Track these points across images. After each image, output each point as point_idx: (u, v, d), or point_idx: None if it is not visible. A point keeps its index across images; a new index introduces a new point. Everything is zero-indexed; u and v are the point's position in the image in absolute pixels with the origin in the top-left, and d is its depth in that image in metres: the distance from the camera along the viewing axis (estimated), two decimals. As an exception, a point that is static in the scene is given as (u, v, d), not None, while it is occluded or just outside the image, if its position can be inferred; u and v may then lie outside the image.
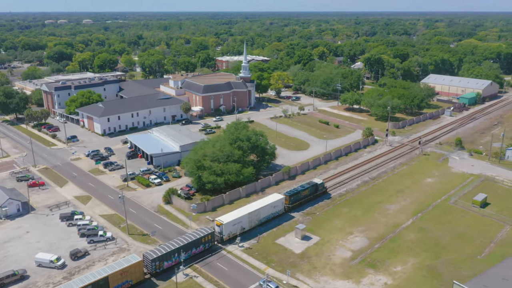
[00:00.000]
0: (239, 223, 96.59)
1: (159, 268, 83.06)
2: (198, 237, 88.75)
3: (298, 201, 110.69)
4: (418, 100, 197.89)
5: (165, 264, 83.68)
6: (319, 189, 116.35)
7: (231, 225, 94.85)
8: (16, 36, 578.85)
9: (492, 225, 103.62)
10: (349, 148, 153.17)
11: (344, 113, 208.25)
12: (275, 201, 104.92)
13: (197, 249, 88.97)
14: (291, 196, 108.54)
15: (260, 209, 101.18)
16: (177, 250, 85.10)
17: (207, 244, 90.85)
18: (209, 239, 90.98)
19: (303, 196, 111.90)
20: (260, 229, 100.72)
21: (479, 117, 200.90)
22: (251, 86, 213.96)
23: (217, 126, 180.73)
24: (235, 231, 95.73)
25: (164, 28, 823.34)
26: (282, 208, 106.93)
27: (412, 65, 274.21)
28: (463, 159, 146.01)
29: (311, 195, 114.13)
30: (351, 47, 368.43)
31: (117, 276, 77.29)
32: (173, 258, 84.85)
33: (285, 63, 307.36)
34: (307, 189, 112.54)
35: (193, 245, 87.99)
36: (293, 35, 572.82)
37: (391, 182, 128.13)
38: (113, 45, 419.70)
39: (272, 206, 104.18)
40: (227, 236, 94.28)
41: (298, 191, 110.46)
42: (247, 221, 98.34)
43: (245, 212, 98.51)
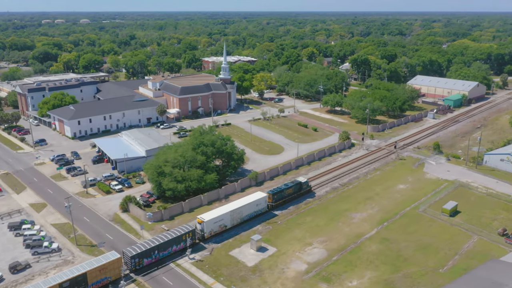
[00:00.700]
0: (221, 221, 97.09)
1: (139, 265, 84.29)
2: (178, 235, 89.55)
3: (282, 199, 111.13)
4: (400, 102, 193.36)
5: (145, 261, 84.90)
6: (303, 188, 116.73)
7: (212, 223, 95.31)
8: (8, 36, 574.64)
9: (460, 235, 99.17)
10: (323, 152, 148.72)
11: (325, 115, 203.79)
12: (258, 199, 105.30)
13: (177, 247, 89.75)
14: (275, 195, 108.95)
15: (242, 207, 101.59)
16: (157, 247, 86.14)
17: (188, 241, 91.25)
18: (190, 236, 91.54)
19: (287, 194, 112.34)
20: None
21: (463, 119, 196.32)
22: (231, 88, 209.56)
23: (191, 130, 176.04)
24: (216, 229, 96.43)
25: (159, 28, 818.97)
26: (265, 206, 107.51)
27: (399, 66, 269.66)
28: (440, 164, 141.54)
29: (295, 194, 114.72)
30: (341, 47, 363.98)
31: (96, 272, 78.02)
32: (153, 255, 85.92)
33: (272, 64, 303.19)
34: (290, 187, 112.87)
35: (173, 242, 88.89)
36: (286, 35, 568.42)
37: (361, 189, 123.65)
38: (103, 45, 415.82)
39: (255, 204, 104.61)
40: (208, 233, 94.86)
41: (281, 190, 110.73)
42: (229, 219, 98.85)
43: (227, 210, 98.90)
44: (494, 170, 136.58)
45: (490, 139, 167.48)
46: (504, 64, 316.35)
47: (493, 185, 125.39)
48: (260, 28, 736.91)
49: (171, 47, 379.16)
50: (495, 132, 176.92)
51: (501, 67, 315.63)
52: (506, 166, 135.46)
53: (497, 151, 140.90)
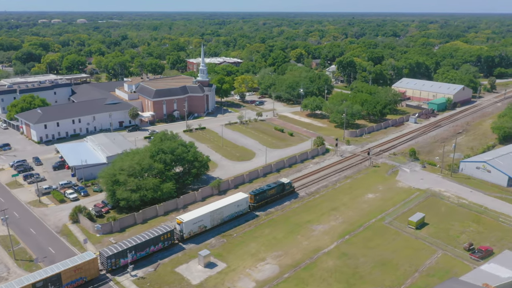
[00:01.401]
0: (201, 221, 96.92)
1: (115, 265, 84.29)
2: (156, 235, 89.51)
3: (264, 200, 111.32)
4: (381, 106, 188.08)
5: (121, 261, 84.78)
6: (286, 189, 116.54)
7: (191, 224, 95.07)
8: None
9: (424, 250, 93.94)
10: (294, 159, 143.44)
11: (305, 119, 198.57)
12: (239, 200, 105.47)
13: (155, 247, 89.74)
14: (256, 195, 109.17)
15: (223, 208, 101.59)
16: (134, 247, 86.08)
17: (166, 242, 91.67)
18: (169, 237, 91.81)
19: (269, 195, 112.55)
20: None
21: (445, 124, 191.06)
22: (209, 91, 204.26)
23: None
24: (196, 230, 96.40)
25: (154, 28, 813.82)
26: (247, 207, 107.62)
27: (386, 69, 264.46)
28: (414, 172, 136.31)
29: (278, 195, 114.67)
30: (330, 49, 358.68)
31: (70, 272, 78.11)
32: (130, 256, 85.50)
33: (257, 65, 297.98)
34: (273, 188, 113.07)
35: (151, 242, 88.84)
36: (278, 36, 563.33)
37: (328, 198, 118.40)
38: (91, 46, 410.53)
39: (236, 205, 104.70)
40: (187, 234, 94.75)
41: (263, 190, 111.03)
42: (209, 219, 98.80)
43: (207, 211, 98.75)
44: (470, 178, 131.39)
45: (470, 145, 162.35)
46: (494, 67, 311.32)
47: (466, 194, 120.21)
48: (255, 29, 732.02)
49: (158, 48, 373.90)
50: (476, 137, 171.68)
51: (491, 69, 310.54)
52: (482, 175, 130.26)
53: (473, 159, 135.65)
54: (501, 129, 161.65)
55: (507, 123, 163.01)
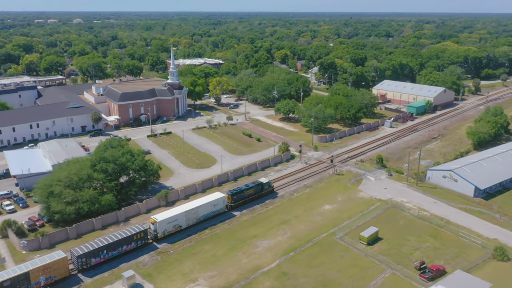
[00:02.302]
0: (175, 221, 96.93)
1: (86, 264, 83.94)
2: (129, 234, 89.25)
3: (242, 200, 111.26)
4: (355, 110, 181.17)
5: (92, 260, 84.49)
6: (265, 188, 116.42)
7: (165, 223, 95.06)
8: None
9: (371, 268, 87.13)
10: (255, 166, 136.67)
11: (277, 123, 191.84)
12: (215, 200, 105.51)
13: (128, 246, 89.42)
14: (234, 195, 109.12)
15: (198, 208, 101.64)
16: (105, 247, 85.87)
17: (140, 241, 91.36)
18: (142, 236, 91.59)
19: (247, 195, 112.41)
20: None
21: (422, 128, 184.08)
22: (180, 93, 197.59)
23: (126, 139, 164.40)
24: (170, 229, 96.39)
25: (147, 28, 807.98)
26: (223, 206, 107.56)
27: (367, 70, 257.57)
28: (379, 180, 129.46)
29: (256, 194, 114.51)
30: (316, 49, 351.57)
31: (39, 271, 77.59)
32: (102, 255, 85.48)
33: (239, 67, 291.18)
34: (251, 188, 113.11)
35: (124, 242, 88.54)
36: (270, 36, 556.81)
37: (281, 210, 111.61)
38: (76, 46, 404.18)
39: (212, 205, 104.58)
40: (161, 234, 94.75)
41: (241, 190, 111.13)
42: (184, 219, 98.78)
43: (182, 210, 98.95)
44: (436, 187, 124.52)
45: (443, 151, 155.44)
46: (481, 68, 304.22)
47: (429, 206, 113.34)
48: (249, 29, 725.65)
49: (141, 49, 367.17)
50: (451, 143, 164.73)
51: (478, 71, 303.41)
52: (448, 184, 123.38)
53: (440, 167, 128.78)
54: (476, 134, 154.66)
55: (482, 128, 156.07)
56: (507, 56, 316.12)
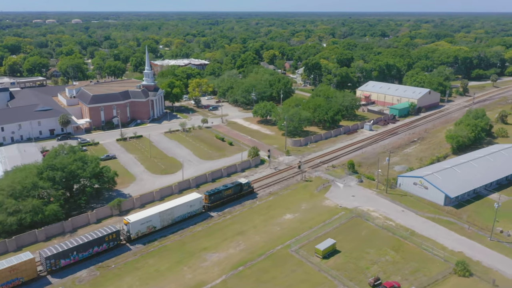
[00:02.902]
0: (149, 222, 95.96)
1: (55, 266, 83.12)
2: (100, 236, 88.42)
3: (220, 200, 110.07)
4: (333, 112, 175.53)
5: (62, 262, 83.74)
6: (244, 189, 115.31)
7: (139, 224, 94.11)
8: None
9: (323, 285, 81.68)
10: (220, 172, 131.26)
11: (254, 126, 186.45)
12: (192, 200, 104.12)
13: (99, 248, 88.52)
14: (211, 195, 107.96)
15: (173, 208, 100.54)
16: (75, 248, 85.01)
17: (112, 242, 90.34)
18: (114, 237, 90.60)
19: (226, 195, 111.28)
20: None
21: (402, 131, 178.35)
22: (154, 95, 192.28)
23: (94, 143, 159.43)
24: (144, 230, 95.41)
25: (143, 28, 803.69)
26: (200, 207, 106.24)
27: (353, 71, 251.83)
28: (348, 187, 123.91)
29: (235, 195, 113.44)
30: (305, 50, 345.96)
31: (6, 273, 77.22)
32: (72, 256, 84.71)
33: (224, 67, 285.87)
34: (230, 188, 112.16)
35: (94, 243, 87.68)
36: (264, 36, 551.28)
37: (240, 220, 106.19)
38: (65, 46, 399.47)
39: (188, 205, 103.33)
40: (135, 235, 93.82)
41: (219, 190, 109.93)
42: (158, 220, 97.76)
43: (156, 211, 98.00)
44: (406, 195, 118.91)
45: (421, 155, 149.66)
46: (472, 68, 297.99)
47: (396, 215, 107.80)
48: (245, 29, 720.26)
49: (128, 49, 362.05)
50: (430, 147, 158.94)
51: (469, 71, 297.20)
52: (419, 191, 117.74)
53: (411, 174, 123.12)
54: (455, 138, 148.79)
55: (461, 131, 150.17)
56: (499, 56, 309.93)
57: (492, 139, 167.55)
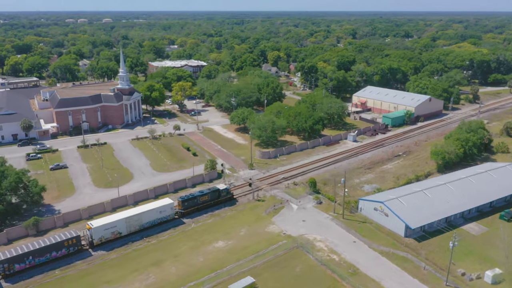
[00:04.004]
0: (114, 227, 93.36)
1: (9, 270, 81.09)
2: (59, 240, 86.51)
3: (194, 206, 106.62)
4: (312, 121, 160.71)
5: (16, 266, 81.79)
6: (222, 195, 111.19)
7: (102, 230, 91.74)
8: (14, 35, 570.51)
9: (222, 337, 68.58)
10: (165, 188, 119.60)
11: (230, 134, 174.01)
12: (162, 206, 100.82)
13: (58, 253, 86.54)
14: (185, 201, 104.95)
15: (141, 214, 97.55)
16: (31, 252, 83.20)
17: (72, 248, 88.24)
18: (74, 242, 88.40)
19: (201, 202, 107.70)
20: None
21: (389, 143, 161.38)
22: (129, 99, 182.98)
23: (52, 150, 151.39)
24: (108, 236, 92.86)
25: (165, 28, 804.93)
26: (172, 213, 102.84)
27: (353, 75, 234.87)
28: (302, 210, 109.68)
29: (211, 201, 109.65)
30: (312, 51, 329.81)
31: None
32: (27, 261, 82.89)
33: (221, 69, 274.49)
34: (206, 194, 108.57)
35: (52, 248, 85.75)
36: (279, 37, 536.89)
37: (163, 246, 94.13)
38: (71, 47, 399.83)
39: (158, 211, 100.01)
40: (98, 240, 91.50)
41: (194, 197, 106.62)
42: (124, 225, 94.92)
43: (122, 217, 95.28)
44: (366, 222, 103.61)
45: (400, 173, 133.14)
46: (490, 73, 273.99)
47: (344, 246, 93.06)
48: (266, 29, 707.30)
49: (133, 49, 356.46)
50: (415, 163, 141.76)
51: (485, 75, 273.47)
52: (379, 218, 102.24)
53: (372, 197, 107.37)
54: (440, 154, 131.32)
55: (449, 146, 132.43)
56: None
57: (490, 155, 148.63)
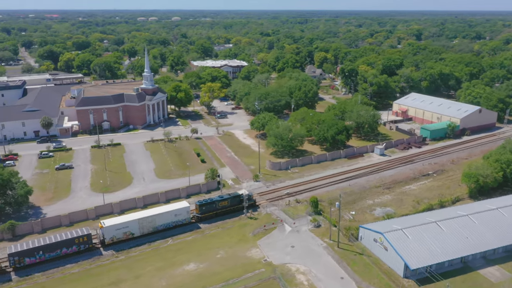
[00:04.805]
0: (126, 228, 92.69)
1: (20, 263, 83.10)
2: (70, 237, 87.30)
3: (213, 211, 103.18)
4: (334, 130, 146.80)
5: (26, 260, 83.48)
6: (243, 201, 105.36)
7: (114, 229, 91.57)
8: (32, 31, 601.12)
9: None
10: (157, 197, 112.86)
11: (249, 140, 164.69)
12: (178, 209, 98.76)
13: (69, 250, 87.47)
14: (203, 206, 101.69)
15: (155, 216, 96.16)
16: (42, 247, 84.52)
17: (83, 245, 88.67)
18: (85, 240, 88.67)
19: (220, 207, 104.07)
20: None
21: (421, 160, 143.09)
22: (150, 100, 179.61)
23: (66, 149, 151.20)
24: (120, 236, 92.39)
25: (226, 27, 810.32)
26: (188, 217, 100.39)
27: (397, 80, 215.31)
28: (295, 233, 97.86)
29: (231, 207, 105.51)
30: (362, 52, 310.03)
31: None
32: (38, 255, 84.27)
33: (260, 70, 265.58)
34: (225, 200, 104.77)
35: (63, 244, 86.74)
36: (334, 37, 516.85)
37: (131, 263, 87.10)
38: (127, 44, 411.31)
39: (173, 214, 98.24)
40: (109, 240, 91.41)
41: (212, 201, 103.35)
42: (137, 227, 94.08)
43: (135, 218, 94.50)
44: (363, 253, 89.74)
45: (423, 196, 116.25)
46: None
47: (328, 283, 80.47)
48: (327, 28, 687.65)
49: (180, 48, 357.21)
50: (444, 185, 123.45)
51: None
52: (379, 251, 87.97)
53: (373, 226, 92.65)
54: (473, 177, 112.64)
55: (484, 169, 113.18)
56: None
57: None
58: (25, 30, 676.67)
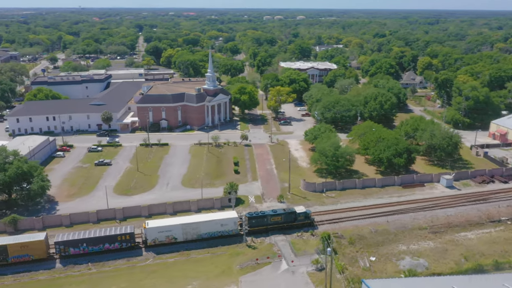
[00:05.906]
0: (169, 231, 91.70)
1: (65, 252, 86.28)
2: (113, 234, 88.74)
3: (263, 226, 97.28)
4: (392, 151, 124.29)
5: (71, 250, 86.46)
6: (298, 219, 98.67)
7: (156, 231, 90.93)
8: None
9: None
10: (164, 207, 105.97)
11: (300, 152, 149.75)
12: (224, 219, 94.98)
13: (111, 245, 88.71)
14: (252, 219, 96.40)
15: (200, 223, 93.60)
16: (86, 240, 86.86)
17: (125, 243, 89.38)
18: (127, 238, 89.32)
19: (272, 222, 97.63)
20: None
21: (499, 199, 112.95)
22: (210, 101, 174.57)
23: (116, 145, 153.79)
24: (163, 239, 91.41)
25: (344, 26, 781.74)
26: (235, 228, 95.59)
27: (503, 95, 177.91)
28: (289, 274, 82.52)
29: (285, 224, 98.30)
30: (478, 58, 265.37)
31: (17, 247, 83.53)
32: (81, 247, 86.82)
33: (348, 75, 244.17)
34: (279, 215, 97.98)
35: (106, 240, 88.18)
36: (458, 40, 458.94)
37: (96, 280, 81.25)
38: (230, 43, 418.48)
39: (219, 224, 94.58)
40: (151, 241, 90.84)
41: (264, 215, 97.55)
42: (180, 232, 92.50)
43: (178, 222, 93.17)
44: (357, 318, 70.88)
45: (477, 249, 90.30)
46: None
47: None
48: (457, 29, 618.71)
49: (277, 49, 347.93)
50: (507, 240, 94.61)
51: None
52: (373, 320, 68.28)
53: (375, 284, 72.21)
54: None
55: None
56: None
57: None
58: (155, 26, 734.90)
